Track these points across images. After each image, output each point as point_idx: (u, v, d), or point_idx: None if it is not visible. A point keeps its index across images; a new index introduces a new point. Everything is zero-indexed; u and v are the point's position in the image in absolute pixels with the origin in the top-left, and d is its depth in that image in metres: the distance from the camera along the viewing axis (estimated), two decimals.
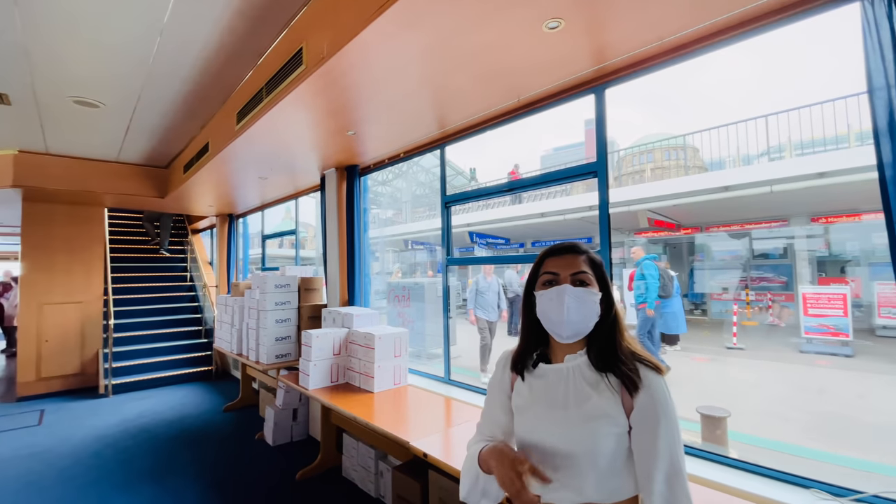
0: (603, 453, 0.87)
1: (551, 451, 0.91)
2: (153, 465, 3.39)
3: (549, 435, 0.92)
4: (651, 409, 0.86)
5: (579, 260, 0.95)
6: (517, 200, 12.20)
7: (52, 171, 4.62)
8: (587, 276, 0.94)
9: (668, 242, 12.13)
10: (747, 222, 10.14)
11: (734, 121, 9.39)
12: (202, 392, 5.46)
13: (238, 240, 6.71)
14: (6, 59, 2.67)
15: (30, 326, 5.25)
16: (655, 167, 19.36)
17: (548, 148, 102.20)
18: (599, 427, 0.88)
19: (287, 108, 2.50)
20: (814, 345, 6.92)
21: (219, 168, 3.88)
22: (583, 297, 0.91)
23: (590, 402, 0.90)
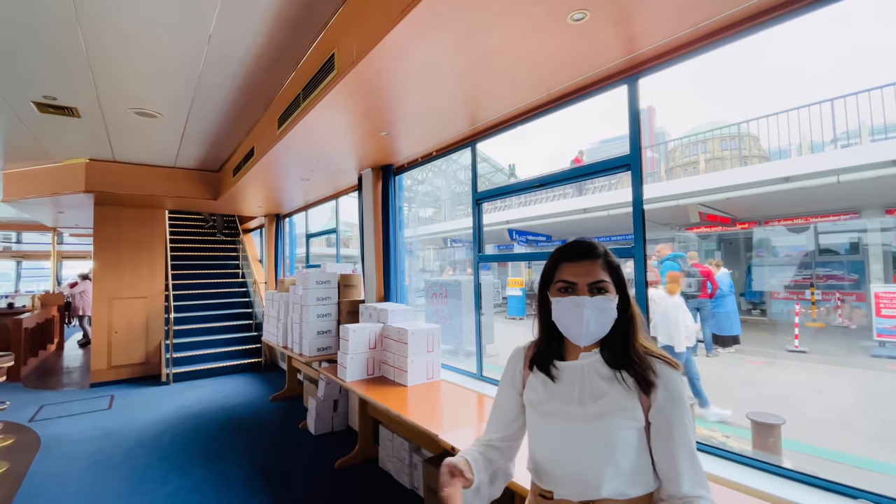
0: (620, 448, 0.88)
1: (567, 447, 0.92)
2: (207, 448, 3.65)
3: (564, 431, 0.93)
4: (670, 404, 0.87)
5: (597, 266, 0.93)
6: (581, 191, 11.59)
7: (118, 177, 5.06)
8: (605, 284, 0.92)
9: (722, 238, 11.42)
10: (812, 215, 9.35)
11: (799, 105, 8.66)
12: (252, 382, 5.79)
13: (285, 238, 7.04)
14: (74, 74, 2.95)
15: (101, 319, 5.79)
16: (711, 158, 18.28)
17: (594, 140, 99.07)
18: (615, 421, 0.88)
19: (322, 112, 2.59)
20: (887, 349, 6.29)
21: (264, 170, 4.10)
22: (601, 306, 0.91)
23: (606, 397, 0.91)
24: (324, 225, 11.32)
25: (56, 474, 3.21)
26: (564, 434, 0.93)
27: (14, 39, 2.49)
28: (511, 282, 11.37)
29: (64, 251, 13.45)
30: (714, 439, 3.76)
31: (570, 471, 0.92)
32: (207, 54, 2.70)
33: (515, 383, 1.07)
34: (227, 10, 2.29)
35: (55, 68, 2.85)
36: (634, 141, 2.04)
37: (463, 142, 3.14)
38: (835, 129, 8.08)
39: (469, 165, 3.27)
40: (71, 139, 4.23)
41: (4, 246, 13.59)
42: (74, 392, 5.42)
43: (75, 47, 2.60)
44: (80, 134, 4.08)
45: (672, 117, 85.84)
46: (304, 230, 6.83)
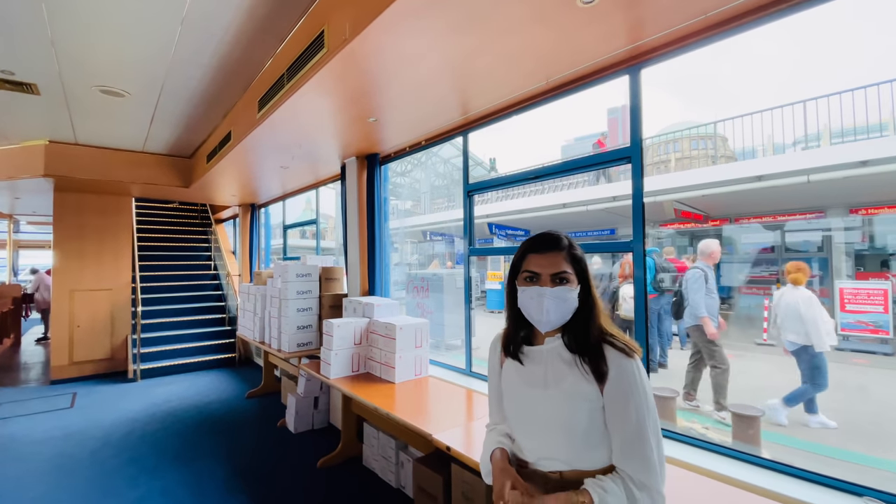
0: (578, 426, 0.96)
1: (533, 425, 1.03)
2: (180, 448, 3.46)
3: (530, 411, 1.03)
4: (617, 391, 0.94)
5: (560, 258, 1.01)
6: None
7: (81, 160, 4.73)
8: (567, 275, 1.00)
9: (694, 234, 11.76)
10: (780, 213, 9.72)
11: (766, 108, 8.96)
12: (226, 378, 5.57)
13: (260, 229, 6.78)
14: (34, 49, 2.70)
15: (62, 312, 5.43)
16: (681, 157, 18.76)
17: (569, 138, 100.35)
18: (575, 403, 0.97)
19: (308, 94, 2.45)
20: (850, 342, 6.61)
21: (241, 157, 3.89)
22: (562, 295, 0.99)
23: (566, 381, 0.99)
24: (298, 217, 11.01)
25: (15, 478, 2.98)
26: (531, 413, 1.03)
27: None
28: (490, 275, 11.39)
29: (21, 240, 12.63)
30: (694, 430, 3.84)
31: (537, 445, 1.03)
32: (183, 28, 2.51)
33: (496, 369, 1.16)
34: None
35: (13, 40, 2.59)
36: (635, 133, 2.00)
37: (454, 131, 3.05)
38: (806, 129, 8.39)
39: (449, 159, 3.17)
40: (29, 119, 3.90)
41: None
42: (33, 389, 5.08)
43: (36, 18, 2.37)
44: (39, 113, 3.76)
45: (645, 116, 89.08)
46: (281, 221, 6.60)
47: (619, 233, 12.43)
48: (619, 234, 12.42)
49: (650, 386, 0.97)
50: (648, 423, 0.92)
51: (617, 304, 5.60)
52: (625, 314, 5.48)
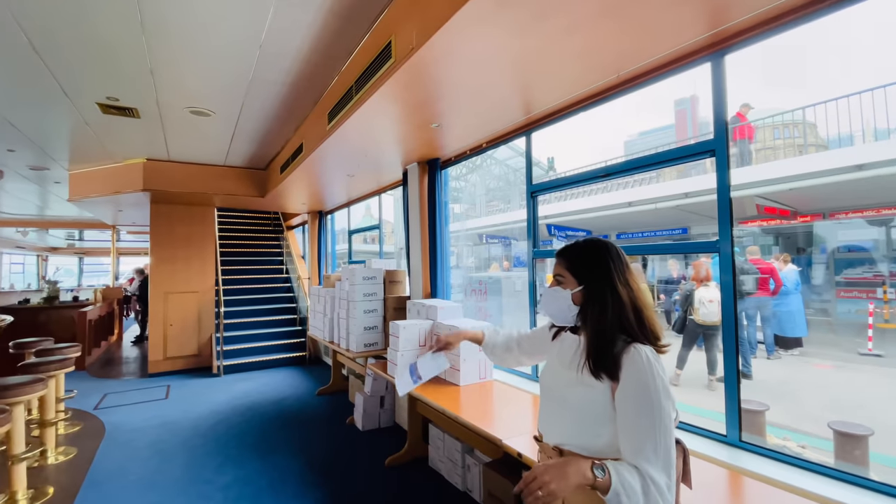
0: (579, 410, 1.04)
1: (545, 397, 1.18)
2: (259, 440, 3.71)
3: (551, 387, 1.17)
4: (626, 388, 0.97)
5: (557, 264, 1.17)
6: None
7: (173, 175, 5.25)
8: (560, 278, 1.14)
9: (780, 232, 10.68)
10: (886, 207, 8.56)
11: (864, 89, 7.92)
12: (298, 376, 5.90)
13: (327, 235, 7.13)
14: (136, 77, 3.04)
15: (158, 312, 6.05)
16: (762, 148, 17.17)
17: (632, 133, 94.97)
18: (583, 393, 1.04)
19: (376, 104, 2.54)
20: None
21: (311, 167, 4.11)
22: (553, 294, 1.14)
23: (575, 371, 1.07)
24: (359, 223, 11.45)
25: (120, 461, 3.35)
26: (552, 387, 1.16)
27: (82, 43, 2.57)
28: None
29: (122, 248, 14.26)
30: (788, 449, 3.47)
31: (550, 419, 1.14)
32: (261, 50, 2.70)
33: (547, 337, 1.31)
34: (281, 7, 2.26)
35: (119, 70, 2.94)
36: (720, 124, 1.85)
37: (516, 132, 3.01)
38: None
39: (505, 160, 3.12)
40: (131, 139, 4.41)
41: (69, 243, 14.56)
42: (134, 381, 5.70)
43: (138, 49, 2.66)
44: (139, 134, 4.23)
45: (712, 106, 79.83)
46: (346, 226, 6.89)
47: (693, 232, 11.59)
48: (693, 234, 11.58)
49: (663, 376, 0.96)
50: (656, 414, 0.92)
51: (692, 309, 5.22)
52: (702, 319, 5.10)
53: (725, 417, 1.82)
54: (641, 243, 12.18)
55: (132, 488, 2.94)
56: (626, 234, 13.45)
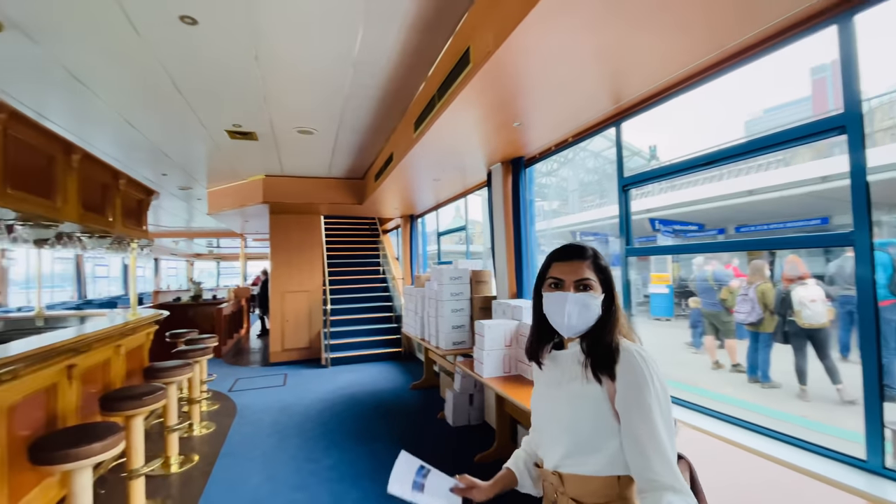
0: (581, 426, 0.98)
1: (548, 423, 1.07)
2: (360, 428, 4.02)
3: (546, 410, 1.08)
4: (627, 390, 0.93)
5: (584, 266, 1.03)
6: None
7: (286, 188, 5.93)
8: (590, 282, 1.02)
9: None
10: None
11: None
12: (393, 370, 6.26)
13: (418, 237, 7.45)
14: (253, 105, 3.50)
15: (277, 309, 6.88)
16: None
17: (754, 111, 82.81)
18: (581, 405, 0.99)
19: (457, 109, 2.60)
20: None
21: (401, 174, 4.35)
22: (584, 301, 1.01)
23: (576, 382, 1.01)
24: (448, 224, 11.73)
25: (247, 437, 3.88)
26: (546, 412, 1.08)
27: (213, 81, 3.05)
28: (655, 278, 10.21)
29: (249, 253, 16.44)
30: None
31: (548, 444, 1.06)
32: (354, 70, 2.94)
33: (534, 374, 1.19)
34: (368, 30, 2.44)
35: (240, 100, 3.42)
36: (851, 96, 1.57)
37: (604, 123, 2.86)
38: None
39: (601, 152, 2.95)
40: (251, 159, 5.09)
41: (209, 250, 17.20)
42: (258, 369, 6.56)
43: (255, 81, 3.08)
44: (258, 154, 4.87)
45: (873, 68, 63.58)
46: (435, 228, 7.13)
47: (835, 221, 9.78)
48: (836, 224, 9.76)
49: (664, 382, 0.94)
50: (660, 420, 0.90)
51: (792, 311, 4.49)
52: (806, 322, 4.37)
53: (865, 439, 1.53)
54: (765, 237, 10.60)
55: (257, 461, 3.39)
56: (748, 227, 11.80)
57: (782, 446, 1.78)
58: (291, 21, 2.38)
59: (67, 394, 2.72)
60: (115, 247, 3.84)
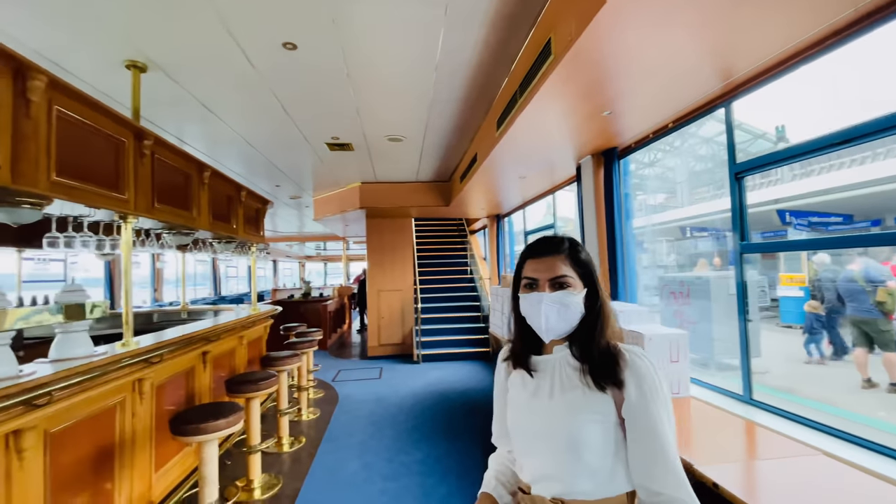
0: (586, 444, 0.86)
1: (536, 440, 0.92)
2: (447, 424, 4.10)
3: (533, 424, 0.93)
4: (640, 398, 0.85)
5: (558, 262, 0.93)
6: None
7: (380, 194, 6.29)
8: (567, 279, 0.92)
9: None
10: None
11: None
12: (481, 369, 6.27)
13: (505, 237, 7.38)
14: (347, 119, 3.77)
15: (373, 306, 7.33)
16: None
17: None
18: (582, 416, 0.87)
19: (540, 103, 2.52)
20: None
21: (486, 174, 4.34)
22: (562, 300, 0.91)
23: (575, 391, 0.90)
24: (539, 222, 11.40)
25: (347, 424, 4.18)
26: (533, 426, 0.93)
27: (313, 99, 3.35)
28: (785, 278, 8.76)
29: (350, 255, 17.80)
30: None
31: (539, 464, 0.92)
32: (437, 74, 3.01)
33: (502, 383, 1.08)
34: (449, 31, 2.47)
35: (337, 115, 3.70)
36: None
37: (710, 104, 2.54)
38: None
39: (714, 137, 2.61)
40: (348, 168, 5.48)
41: (317, 252, 18.96)
42: (357, 362, 7.05)
43: (347, 96, 3.31)
44: (354, 163, 5.23)
45: None
46: (522, 227, 6.99)
47: None
48: None
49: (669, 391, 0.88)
50: (670, 436, 0.84)
51: None
52: None
53: None
54: None
55: (354, 448, 3.63)
56: None
57: None
58: (376, 34, 2.50)
59: (202, 376, 3.20)
60: (238, 250, 4.42)
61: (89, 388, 1.97)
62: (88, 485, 2.03)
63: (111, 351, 2.22)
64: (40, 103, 1.78)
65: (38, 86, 1.74)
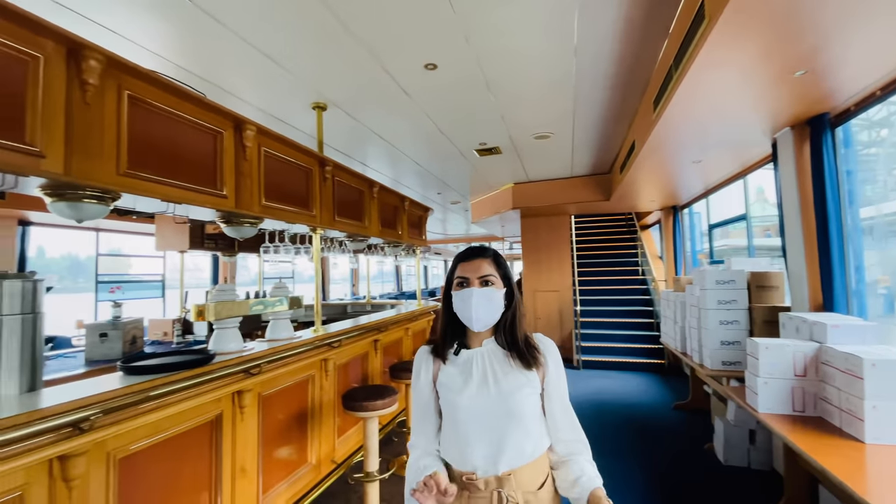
0: (528, 415, 1.09)
1: (486, 424, 1.07)
2: (606, 439, 3.80)
3: (486, 409, 1.08)
4: (556, 371, 1.18)
5: (485, 263, 1.16)
6: None
7: (532, 193, 6.24)
8: (492, 277, 1.15)
9: None
10: None
11: None
12: (653, 384, 5.59)
13: (683, 232, 6.41)
14: (493, 124, 3.87)
15: (530, 307, 7.30)
16: None
17: None
18: (522, 393, 1.09)
19: (700, 75, 2.14)
20: None
21: (647, 162, 3.88)
22: (488, 294, 1.13)
23: (509, 375, 1.11)
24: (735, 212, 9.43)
25: None
26: (484, 412, 1.08)
27: (462, 115, 3.60)
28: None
29: (508, 254, 18.08)
30: None
31: (490, 444, 1.06)
32: (577, 59, 2.84)
33: (429, 379, 1.17)
34: (584, 15, 2.31)
35: (482, 123, 3.86)
36: None
37: None
38: None
39: None
40: (499, 171, 5.61)
41: None
42: None
43: (489, 104, 3.42)
44: (504, 165, 5.33)
45: None
46: (706, 219, 5.94)
47: None
48: None
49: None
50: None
51: None
52: None
53: None
54: None
55: None
56: None
57: None
58: (507, 37, 2.51)
59: (374, 361, 3.73)
60: (404, 253, 4.99)
61: (288, 363, 2.53)
62: (289, 440, 2.60)
63: (304, 335, 2.80)
64: (253, 147, 2.37)
65: (251, 135, 2.32)
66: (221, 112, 2.19)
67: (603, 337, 6.86)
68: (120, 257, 6.43)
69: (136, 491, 1.64)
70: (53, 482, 1.36)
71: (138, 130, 1.74)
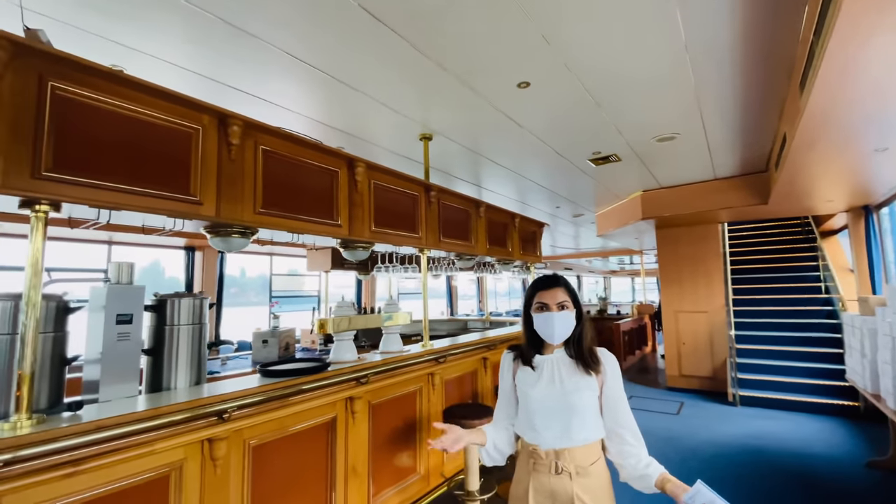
0: (587, 407, 1.36)
1: (553, 413, 1.37)
2: (762, 496, 3.12)
3: (551, 401, 1.38)
4: (614, 381, 1.41)
5: (559, 291, 1.42)
6: None
7: (666, 200, 5.58)
8: (566, 303, 1.41)
9: None
10: None
11: None
12: (841, 431, 4.39)
13: (881, 238, 4.98)
14: (606, 133, 3.66)
15: (670, 330, 6.44)
16: None
17: None
18: (583, 392, 1.36)
19: (846, 42, 1.72)
20: None
21: (801, 155, 3.18)
22: (565, 318, 1.40)
23: (574, 377, 1.39)
24: None
25: None
26: (550, 403, 1.38)
27: (567, 129, 3.52)
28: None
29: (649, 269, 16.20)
30: None
31: (553, 427, 1.36)
32: (689, 55, 2.52)
33: (509, 377, 1.51)
34: (685, 6, 2.07)
35: (591, 133, 3.68)
36: None
37: None
38: None
39: None
40: (623, 179, 5.18)
41: (620, 266, 18.28)
42: (655, 391, 6.32)
43: (598, 116, 3.28)
44: (627, 173, 4.92)
45: None
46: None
47: None
48: None
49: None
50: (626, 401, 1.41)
51: None
52: None
53: None
54: None
55: None
56: None
57: None
58: (603, 43, 2.37)
59: (484, 378, 3.76)
60: (517, 269, 4.95)
61: (395, 375, 2.74)
62: (398, 448, 2.79)
63: (413, 350, 3.01)
64: (363, 181, 2.69)
65: (361, 170, 2.65)
66: (336, 154, 2.56)
67: (769, 369, 5.66)
68: (286, 276, 7.82)
69: (266, 476, 1.97)
70: (204, 460, 1.74)
71: (270, 175, 2.16)
